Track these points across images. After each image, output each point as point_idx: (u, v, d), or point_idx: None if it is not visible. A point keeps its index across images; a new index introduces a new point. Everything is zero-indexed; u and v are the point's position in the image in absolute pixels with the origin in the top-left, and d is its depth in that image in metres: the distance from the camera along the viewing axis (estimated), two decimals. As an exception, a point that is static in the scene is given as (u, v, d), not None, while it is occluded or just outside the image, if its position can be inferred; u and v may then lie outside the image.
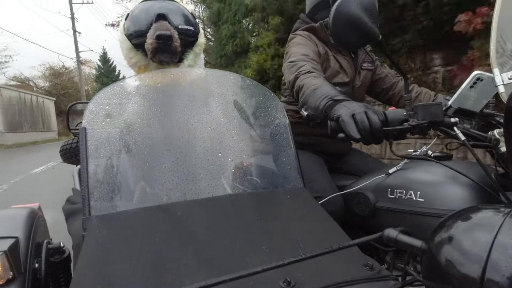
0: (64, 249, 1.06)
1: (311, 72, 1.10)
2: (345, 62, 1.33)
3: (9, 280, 0.82)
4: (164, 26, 0.97)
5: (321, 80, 1.05)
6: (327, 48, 1.33)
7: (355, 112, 0.78)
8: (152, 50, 0.98)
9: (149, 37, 0.98)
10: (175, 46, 0.99)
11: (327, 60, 1.31)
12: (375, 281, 0.55)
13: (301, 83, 1.08)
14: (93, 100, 0.79)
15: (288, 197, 0.78)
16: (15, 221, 0.98)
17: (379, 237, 0.55)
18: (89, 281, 0.53)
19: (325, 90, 0.95)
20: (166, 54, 0.99)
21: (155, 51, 0.98)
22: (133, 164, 0.79)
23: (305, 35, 1.33)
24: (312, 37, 1.33)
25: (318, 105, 0.92)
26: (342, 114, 0.80)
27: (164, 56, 1.00)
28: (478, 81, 0.92)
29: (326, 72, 1.30)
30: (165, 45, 0.97)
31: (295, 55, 1.22)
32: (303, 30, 1.36)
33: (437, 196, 0.93)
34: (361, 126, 0.76)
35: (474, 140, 0.93)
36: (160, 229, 0.63)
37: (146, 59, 1.05)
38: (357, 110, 0.79)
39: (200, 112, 0.84)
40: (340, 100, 0.87)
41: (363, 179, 1.14)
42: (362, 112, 0.78)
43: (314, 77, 1.07)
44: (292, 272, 0.52)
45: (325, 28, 1.31)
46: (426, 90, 1.35)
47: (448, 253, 0.44)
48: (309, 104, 0.99)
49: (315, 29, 1.33)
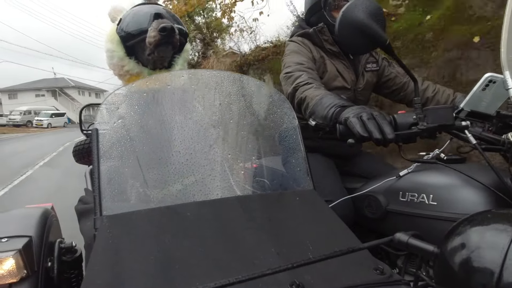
0: (76, 249, 1.08)
1: (310, 83, 1.12)
2: (342, 66, 1.33)
3: (23, 278, 0.84)
4: (166, 20, 1.02)
5: (323, 90, 1.08)
6: (322, 53, 1.33)
7: (362, 113, 0.80)
8: (155, 43, 1.01)
9: (152, 30, 1.01)
10: (176, 39, 1.03)
11: (324, 64, 1.31)
12: (386, 285, 0.54)
13: (302, 95, 1.09)
14: (105, 101, 0.80)
15: (297, 199, 0.77)
16: (29, 220, 1.00)
17: (390, 241, 0.55)
18: (101, 280, 0.53)
19: (332, 99, 0.96)
20: (169, 46, 1.04)
21: (158, 44, 1.01)
22: (143, 165, 0.80)
23: (299, 41, 1.34)
24: (307, 42, 1.34)
25: (327, 113, 0.94)
26: (350, 116, 0.81)
27: (166, 50, 1.04)
28: (491, 83, 0.90)
29: (323, 76, 1.30)
30: (169, 37, 1.01)
31: (290, 65, 1.24)
32: (297, 36, 1.37)
33: (450, 199, 0.91)
34: (368, 125, 0.77)
35: (487, 144, 0.91)
36: (169, 230, 0.63)
37: (139, 67, 1.08)
38: (364, 111, 0.80)
39: (209, 113, 0.85)
40: (348, 105, 0.89)
41: (374, 181, 1.13)
42: (369, 113, 0.79)
43: (315, 89, 1.09)
44: (301, 275, 0.52)
45: (320, 34, 1.32)
46: (444, 88, 1.31)
47: (462, 258, 0.43)
48: (317, 113, 1.00)
49: (310, 35, 1.34)
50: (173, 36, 1.01)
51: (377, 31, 0.81)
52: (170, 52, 1.05)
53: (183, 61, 1.14)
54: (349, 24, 0.83)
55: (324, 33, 1.32)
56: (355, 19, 0.82)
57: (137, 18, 1.06)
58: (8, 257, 0.82)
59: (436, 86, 1.32)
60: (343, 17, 0.84)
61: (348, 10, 0.84)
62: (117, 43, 1.09)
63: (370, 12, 0.82)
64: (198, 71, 0.95)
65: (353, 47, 0.94)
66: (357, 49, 0.96)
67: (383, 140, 0.76)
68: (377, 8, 0.85)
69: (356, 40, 0.85)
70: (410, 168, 1.05)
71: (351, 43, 0.89)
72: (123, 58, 1.08)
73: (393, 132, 0.77)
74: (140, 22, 1.05)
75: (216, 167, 0.78)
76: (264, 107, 0.93)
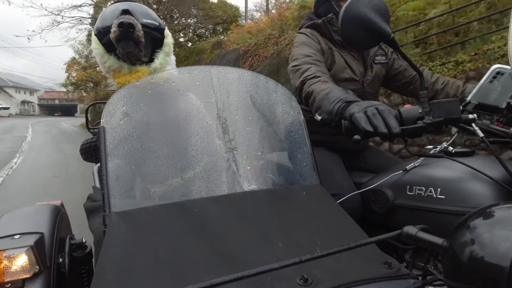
0: (86, 245, 1.10)
1: (317, 76, 1.10)
2: (351, 58, 1.31)
3: (36, 273, 0.85)
4: (126, 17, 1.02)
5: (330, 84, 1.06)
6: (331, 44, 1.31)
7: (368, 108, 0.79)
8: (115, 38, 1.02)
9: (113, 26, 1.02)
10: (137, 35, 1.02)
11: (332, 56, 1.30)
12: (394, 279, 0.54)
13: (309, 89, 1.07)
14: (111, 99, 0.81)
15: (304, 194, 0.77)
16: (40, 217, 1.02)
17: (398, 235, 0.54)
18: (110, 276, 0.54)
19: (338, 94, 0.94)
20: (130, 42, 1.03)
21: (118, 39, 1.02)
22: (150, 161, 0.80)
23: (308, 32, 1.32)
24: (315, 34, 1.32)
25: (332, 108, 0.92)
26: (355, 112, 0.80)
27: (127, 45, 1.03)
28: (498, 75, 0.89)
29: (332, 68, 1.29)
30: (127, 33, 1.00)
31: (298, 57, 1.23)
32: (306, 27, 1.36)
33: (458, 193, 0.90)
34: (373, 120, 0.76)
35: (495, 137, 0.90)
36: (178, 226, 0.64)
37: (119, 62, 1.09)
38: (369, 106, 0.79)
39: (215, 109, 0.85)
40: (353, 101, 0.88)
41: (381, 176, 1.12)
42: (374, 107, 0.78)
43: (322, 82, 1.07)
44: (309, 269, 0.52)
45: (328, 24, 1.30)
46: (453, 80, 1.30)
47: (471, 252, 0.43)
48: (323, 108, 0.98)
49: (319, 26, 1.32)
50: (132, 32, 1.00)
51: (381, 26, 0.79)
52: (133, 47, 1.04)
53: (164, 55, 1.14)
54: (352, 19, 0.82)
55: (334, 24, 1.30)
56: (359, 13, 0.81)
57: (106, 16, 1.08)
58: (21, 253, 0.84)
59: (446, 79, 1.31)
60: (346, 12, 0.83)
61: (351, 4, 0.82)
62: (97, 41, 1.11)
63: (373, 7, 0.81)
64: (203, 67, 0.94)
65: (356, 42, 0.92)
66: (361, 44, 0.95)
67: (389, 134, 0.75)
68: (381, 2, 0.83)
69: (359, 35, 0.84)
70: (417, 162, 1.04)
71: (354, 38, 0.87)
72: (103, 55, 1.10)
73: (398, 126, 0.76)
74: (107, 20, 1.06)
75: (223, 163, 0.79)
76: (270, 102, 0.93)
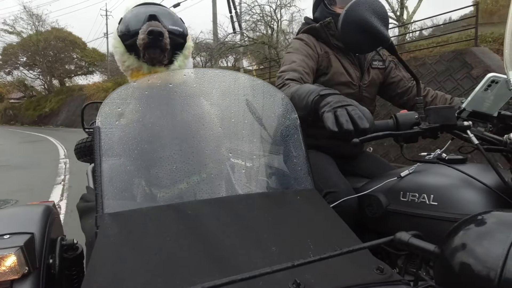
0: (77, 246, 1.09)
1: (294, 79, 1.11)
2: (348, 62, 1.32)
3: (25, 274, 0.84)
4: (155, 23, 1.04)
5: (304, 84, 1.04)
6: (328, 48, 1.32)
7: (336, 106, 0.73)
8: (143, 46, 1.04)
9: (141, 33, 1.03)
10: (165, 43, 1.05)
11: (328, 60, 1.30)
12: (387, 285, 0.54)
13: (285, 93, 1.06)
14: (107, 100, 0.80)
15: (298, 198, 0.77)
16: (31, 217, 1.00)
17: (390, 241, 0.55)
18: (101, 278, 0.54)
19: (308, 87, 0.90)
20: (157, 50, 1.05)
21: (146, 46, 1.04)
22: (145, 163, 0.80)
23: (304, 37, 1.33)
24: (311, 38, 1.33)
25: (306, 102, 0.86)
26: (325, 111, 0.75)
27: (154, 52, 1.05)
28: (493, 83, 0.90)
29: (328, 71, 1.29)
30: (156, 41, 1.02)
31: (286, 63, 1.24)
32: (303, 32, 1.36)
33: (451, 200, 0.91)
34: (340, 118, 0.70)
35: (489, 144, 0.91)
36: (171, 228, 0.63)
37: (138, 62, 1.10)
38: (339, 103, 0.74)
39: (211, 112, 0.85)
40: (326, 94, 0.82)
41: (375, 181, 1.13)
42: (343, 107, 0.72)
43: (296, 83, 1.07)
44: (301, 274, 0.52)
45: (326, 28, 1.31)
46: (442, 93, 1.34)
47: (462, 258, 0.43)
48: (297, 106, 0.92)
49: (316, 29, 1.33)
50: (161, 40, 1.03)
51: (380, 30, 0.80)
52: (159, 55, 1.07)
53: (183, 57, 1.16)
54: (352, 22, 0.82)
55: (331, 28, 1.31)
56: (359, 17, 0.81)
57: (132, 19, 1.09)
58: (10, 253, 0.82)
59: (435, 92, 1.34)
60: (346, 15, 0.83)
61: (351, 8, 0.83)
62: (119, 41, 1.12)
63: (373, 11, 0.81)
64: (200, 70, 0.95)
65: (355, 46, 0.92)
66: (359, 48, 0.95)
67: (356, 131, 0.69)
68: (381, 6, 0.84)
69: (358, 38, 0.84)
70: (412, 168, 1.04)
71: (353, 42, 0.87)
72: (124, 53, 1.11)
73: (368, 122, 0.69)
74: (134, 24, 1.07)
75: (218, 166, 0.79)
76: (265, 105, 0.93)
